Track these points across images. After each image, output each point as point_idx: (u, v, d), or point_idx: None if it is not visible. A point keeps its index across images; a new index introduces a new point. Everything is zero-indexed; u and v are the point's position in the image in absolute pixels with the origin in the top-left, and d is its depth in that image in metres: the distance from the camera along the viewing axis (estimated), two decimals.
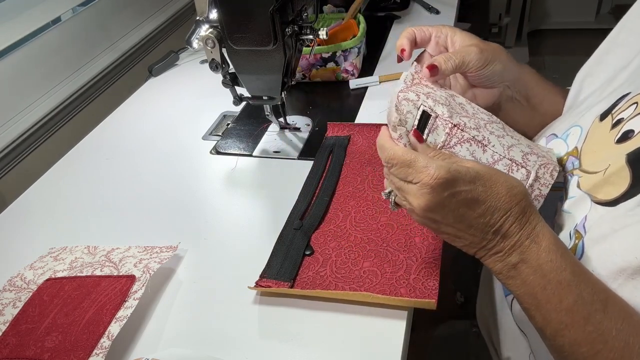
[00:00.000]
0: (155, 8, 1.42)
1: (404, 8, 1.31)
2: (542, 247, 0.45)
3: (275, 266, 0.62)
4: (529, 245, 0.45)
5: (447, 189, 0.44)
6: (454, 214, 0.46)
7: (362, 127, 0.83)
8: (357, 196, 0.71)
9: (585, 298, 0.43)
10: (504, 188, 0.46)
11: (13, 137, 0.97)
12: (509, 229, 0.45)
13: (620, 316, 0.42)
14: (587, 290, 0.43)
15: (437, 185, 0.44)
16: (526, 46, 2.69)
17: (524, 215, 0.46)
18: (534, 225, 0.46)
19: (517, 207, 0.45)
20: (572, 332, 0.43)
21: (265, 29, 0.70)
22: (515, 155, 0.52)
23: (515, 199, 0.45)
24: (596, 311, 0.42)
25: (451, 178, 0.44)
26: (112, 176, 0.85)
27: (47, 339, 0.55)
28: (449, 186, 0.44)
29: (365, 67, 1.06)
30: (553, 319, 0.44)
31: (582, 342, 0.42)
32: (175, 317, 0.59)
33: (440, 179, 0.44)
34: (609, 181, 0.47)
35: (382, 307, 0.56)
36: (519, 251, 0.45)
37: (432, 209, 0.46)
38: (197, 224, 0.72)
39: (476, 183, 0.45)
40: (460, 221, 0.46)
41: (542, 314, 0.44)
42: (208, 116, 0.98)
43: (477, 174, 0.46)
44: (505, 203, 0.45)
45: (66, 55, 1.12)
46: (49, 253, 0.70)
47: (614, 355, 0.41)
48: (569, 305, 0.43)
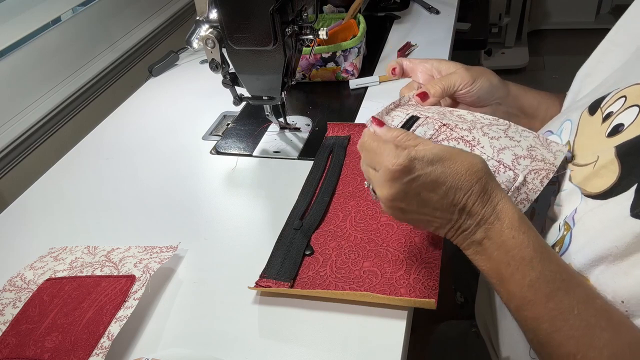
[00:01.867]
0: (155, 8, 1.42)
1: (404, 8, 1.31)
2: (504, 224, 0.45)
3: (275, 266, 0.62)
4: (493, 222, 0.46)
5: (406, 174, 0.46)
6: (417, 199, 0.47)
7: (362, 127, 0.83)
8: (357, 196, 0.71)
9: (547, 275, 0.44)
10: (463, 166, 0.46)
11: (13, 137, 0.97)
12: (472, 206, 0.46)
13: (583, 298, 0.43)
14: (549, 268, 0.44)
15: (396, 172, 0.46)
16: (526, 46, 2.69)
17: (485, 192, 0.46)
18: (496, 202, 0.46)
19: (478, 184, 0.46)
20: (534, 307, 0.44)
21: (265, 29, 0.70)
22: (504, 157, 0.52)
23: (475, 177, 0.46)
24: (558, 289, 0.43)
25: (409, 164, 0.46)
26: (112, 176, 0.86)
27: (47, 339, 0.55)
28: (408, 172, 0.46)
29: (365, 67, 1.06)
30: (516, 294, 0.45)
31: (543, 318, 0.43)
32: (175, 317, 0.59)
33: (399, 166, 0.45)
34: (599, 174, 0.47)
35: (382, 307, 0.56)
36: (484, 228, 0.46)
37: (395, 198, 0.47)
38: (197, 224, 0.72)
39: (435, 164, 0.46)
40: (425, 205, 0.47)
41: (506, 289, 0.46)
42: (208, 116, 0.98)
43: (435, 155, 0.46)
44: (466, 181, 0.46)
45: (66, 55, 1.12)
46: (49, 253, 0.70)
47: (575, 333, 0.42)
48: (531, 281, 0.44)
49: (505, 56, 2.63)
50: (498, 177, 0.51)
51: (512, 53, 2.65)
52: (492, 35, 2.60)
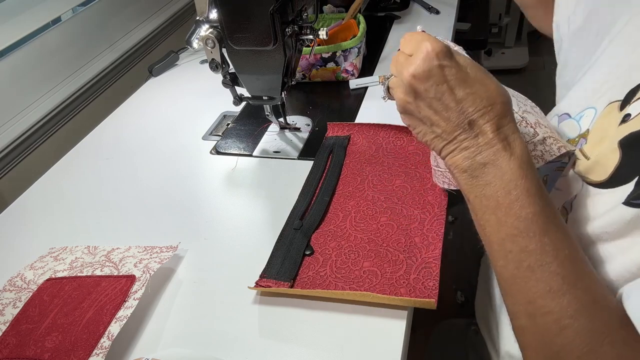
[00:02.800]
0: (155, 8, 1.42)
1: (404, 8, 1.31)
2: (515, 154, 0.44)
3: (275, 266, 0.62)
4: (501, 149, 0.45)
5: (439, 58, 0.45)
6: (437, 89, 0.46)
7: (362, 127, 0.83)
8: (357, 196, 0.71)
9: (547, 212, 0.43)
10: (494, 83, 0.46)
11: (13, 137, 0.97)
12: (484, 125, 0.45)
13: (574, 243, 0.43)
14: (549, 206, 0.44)
15: (431, 51, 0.45)
16: (526, 46, 2.69)
17: (504, 117, 0.45)
18: (511, 131, 0.45)
19: (500, 105, 0.45)
20: (525, 239, 0.43)
21: (265, 29, 0.70)
22: (528, 117, 0.53)
23: (500, 97, 0.45)
24: (555, 228, 0.43)
25: (447, 50, 0.45)
26: (112, 176, 0.86)
27: (47, 339, 0.55)
28: (442, 56, 0.45)
29: (365, 67, 1.06)
30: (509, 223, 0.44)
31: (532, 251, 0.42)
32: (175, 317, 0.59)
33: (436, 48, 0.45)
34: (600, 162, 0.47)
35: (382, 307, 0.56)
36: (491, 152, 0.45)
37: (418, 76, 0.46)
38: (197, 224, 0.72)
39: (469, 67, 0.46)
40: (440, 99, 0.46)
41: (499, 217, 0.44)
42: (208, 116, 0.98)
43: (474, 63, 0.46)
44: (491, 97, 0.45)
45: (66, 55, 1.12)
46: (49, 253, 0.70)
47: (562, 271, 0.41)
48: (530, 213, 0.43)
49: (505, 56, 2.63)
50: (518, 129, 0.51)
51: (512, 53, 2.65)
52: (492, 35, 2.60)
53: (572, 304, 0.41)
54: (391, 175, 0.73)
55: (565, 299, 0.41)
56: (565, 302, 0.41)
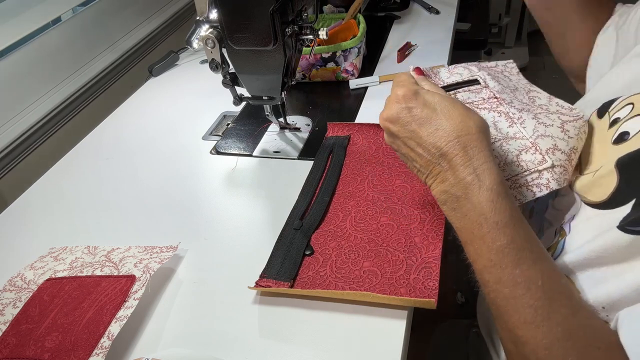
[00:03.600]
0: (155, 8, 1.42)
1: (404, 8, 1.31)
2: (484, 186, 0.46)
3: (275, 266, 0.62)
4: (471, 182, 0.46)
5: (405, 102, 0.50)
6: (407, 128, 0.50)
7: (362, 127, 0.83)
8: (357, 196, 0.71)
9: (517, 243, 0.44)
10: (460, 115, 0.48)
11: (13, 137, 0.97)
12: (454, 158, 0.47)
13: (549, 273, 0.44)
14: (521, 236, 0.45)
15: (399, 97, 0.50)
16: (526, 46, 2.69)
17: (472, 147, 0.47)
18: (481, 162, 0.46)
19: (467, 137, 0.47)
20: (498, 271, 0.44)
21: (265, 29, 0.70)
22: (541, 143, 0.52)
23: (466, 129, 0.47)
24: (526, 258, 0.44)
25: (412, 93, 0.50)
26: (112, 176, 0.86)
27: (47, 339, 0.55)
28: (407, 100, 0.50)
29: (365, 67, 1.06)
30: (484, 255, 0.45)
31: (506, 283, 0.44)
32: (175, 317, 0.59)
33: (402, 93, 0.50)
34: (597, 183, 0.48)
35: (382, 306, 0.56)
36: (462, 184, 0.47)
37: (390, 119, 0.51)
38: (197, 224, 0.72)
39: (435, 105, 0.49)
40: (411, 137, 0.50)
41: (475, 249, 0.46)
42: (208, 116, 0.98)
43: (440, 99, 0.49)
44: (456, 129, 0.47)
45: (66, 55, 1.12)
46: (49, 253, 0.70)
47: (535, 303, 0.42)
48: (501, 246, 0.44)
49: (505, 56, 2.63)
50: (523, 156, 0.51)
51: (512, 53, 2.65)
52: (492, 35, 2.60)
53: (546, 336, 0.41)
54: (391, 175, 0.73)
55: (539, 331, 0.41)
56: (539, 334, 0.41)
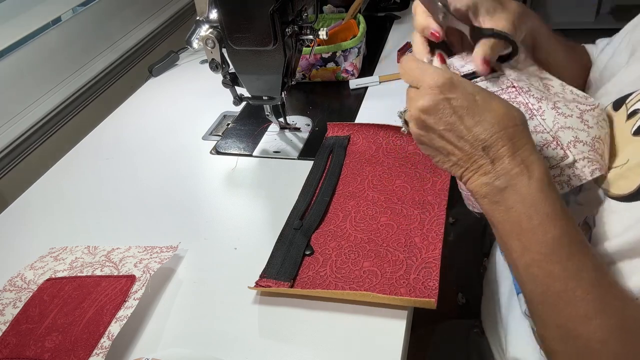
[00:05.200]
0: (155, 8, 1.42)
1: (404, 8, 1.31)
2: (534, 177, 0.44)
3: (275, 266, 0.62)
4: (520, 173, 0.44)
5: (444, 91, 0.46)
6: (446, 120, 0.46)
7: (362, 127, 0.83)
8: (357, 196, 0.71)
9: (570, 235, 0.43)
10: (502, 106, 0.45)
11: (13, 137, 0.97)
12: (500, 149, 0.45)
13: (599, 265, 0.42)
14: (571, 228, 0.43)
15: (435, 86, 0.46)
16: None
17: (519, 139, 0.45)
18: (528, 153, 0.44)
19: (513, 128, 0.45)
20: (550, 264, 0.42)
21: (265, 29, 0.70)
22: (563, 136, 0.50)
23: (512, 121, 0.45)
24: (578, 251, 0.42)
25: (449, 82, 0.46)
26: (112, 176, 0.85)
27: (47, 339, 0.55)
28: (446, 89, 0.46)
29: (365, 67, 1.06)
30: (533, 249, 0.43)
31: (558, 276, 0.42)
32: (175, 317, 0.59)
33: (439, 80, 0.46)
34: (624, 175, 0.46)
35: (382, 306, 0.56)
36: (509, 176, 0.44)
37: (426, 110, 0.47)
38: (197, 224, 0.72)
39: (475, 95, 0.46)
40: (451, 129, 0.46)
41: (523, 242, 0.44)
42: (208, 116, 0.98)
43: (480, 88, 0.46)
44: (501, 120, 0.45)
45: (66, 55, 1.12)
46: (49, 253, 0.70)
47: (588, 296, 0.41)
48: (554, 237, 0.42)
49: None
50: (545, 151, 0.50)
51: None
52: None
53: (601, 328, 0.40)
54: (391, 176, 0.73)
55: (592, 324, 0.40)
56: (592, 326, 0.40)
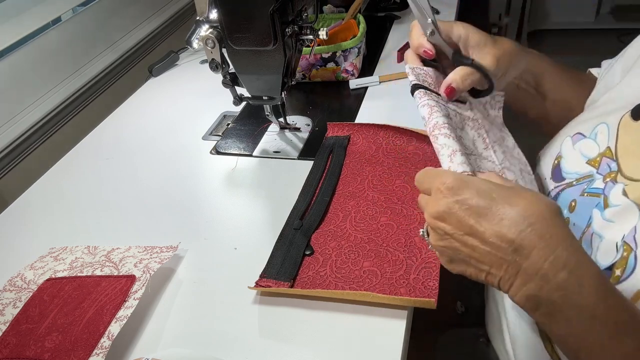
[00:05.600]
0: (155, 8, 1.42)
1: (404, 8, 1.31)
2: (586, 282, 0.37)
3: (275, 266, 0.62)
4: (566, 280, 0.38)
5: (455, 193, 0.42)
6: (464, 223, 0.42)
7: (362, 127, 0.83)
8: (357, 196, 0.71)
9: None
10: (525, 199, 0.40)
11: (13, 137, 0.97)
12: (533, 252, 0.38)
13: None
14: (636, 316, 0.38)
15: (445, 189, 0.42)
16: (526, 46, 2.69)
17: (552, 236, 0.38)
18: (568, 252, 0.38)
19: (541, 223, 0.38)
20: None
21: (265, 29, 0.70)
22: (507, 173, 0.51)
23: (538, 214, 0.39)
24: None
25: (459, 182, 0.42)
26: (112, 176, 0.85)
27: (47, 339, 0.55)
28: (456, 191, 0.42)
29: (365, 67, 1.06)
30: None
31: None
32: (175, 317, 0.59)
33: (448, 181, 0.43)
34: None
35: (382, 306, 0.56)
36: (555, 285, 0.38)
37: (440, 216, 0.43)
38: (197, 224, 0.72)
39: (491, 193, 0.41)
40: (471, 233, 0.41)
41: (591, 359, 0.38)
42: (208, 116, 0.98)
43: (494, 185, 0.42)
44: (524, 215, 0.39)
45: (66, 55, 1.12)
46: (49, 253, 0.70)
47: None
48: (632, 349, 0.36)
49: None
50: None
51: None
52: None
53: None
54: (391, 175, 0.73)
55: None
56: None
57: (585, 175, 0.53)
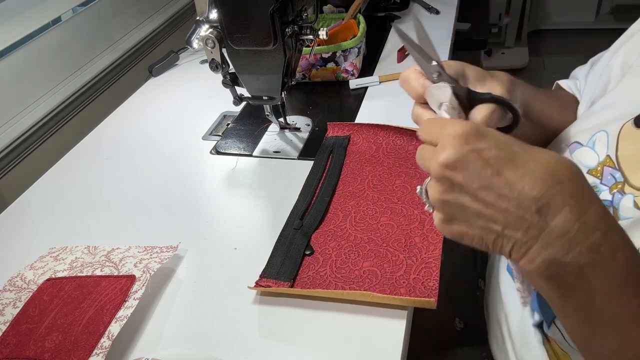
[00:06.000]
0: (155, 8, 1.42)
1: (404, 8, 1.31)
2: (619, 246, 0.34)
3: (275, 266, 0.62)
4: (598, 243, 0.33)
5: (470, 142, 0.36)
6: (480, 175, 0.36)
7: (362, 127, 0.83)
8: (357, 196, 0.71)
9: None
10: (550, 156, 0.35)
11: (13, 137, 0.97)
12: (562, 210, 0.34)
13: None
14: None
15: (459, 135, 0.36)
16: (526, 46, 2.69)
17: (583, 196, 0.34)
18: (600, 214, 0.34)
19: (572, 182, 0.34)
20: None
21: (265, 29, 0.70)
22: None
23: (568, 172, 0.34)
24: None
25: (475, 131, 0.36)
26: (112, 176, 0.85)
27: (47, 339, 0.55)
28: (473, 139, 0.36)
29: (365, 67, 1.06)
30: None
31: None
32: (175, 317, 0.59)
33: (464, 129, 0.36)
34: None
35: (382, 306, 0.56)
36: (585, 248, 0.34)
37: (452, 165, 0.36)
38: (197, 224, 0.72)
39: (512, 145, 0.36)
40: (488, 186, 0.36)
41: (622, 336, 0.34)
42: (208, 116, 0.98)
43: (514, 139, 0.37)
44: (553, 172, 0.34)
45: (66, 55, 1.12)
46: (49, 253, 0.70)
47: None
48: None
49: (505, 56, 2.63)
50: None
51: (512, 53, 2.65)
52: (492, 35, 2.61)
53: None
54: (391, 175, 0.73)
55: None
56: None
57: None
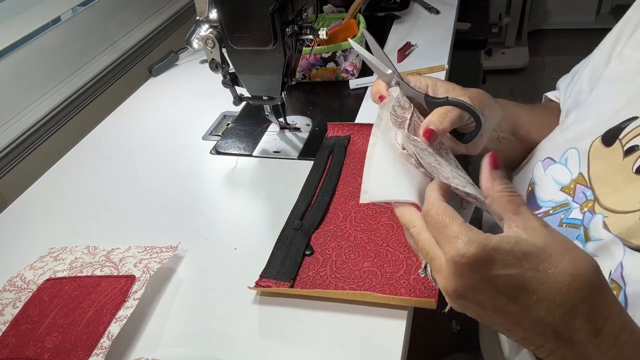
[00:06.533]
0: (155, 8, 1.42)
1: (404, 8, 1.31)
2: (634, 350, 0.34)
3: (275, 266, 0.62)
4: (616, 355, 0.34)
5: (478, 271, 0.34)
6: (493, 303, 0.35)
7: (362, 127, 0.83)
8: (357, 196, 0.71)
9: None
10: (567, 275, 0.33)
11: (13, 137, 0.97)
12: (577, 333, 0.34)
13: None
14: None
15: (465, 265, 0.34)
16: (526, 46, 2.69)
17: (597, 313, 0.34)
18: (617, 329, 0.34)
19: (587, 304, 0.33)
20: None
21: (265, 29, 0.70)
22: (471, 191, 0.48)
23: (583, 292, 0.33)
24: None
25: (485, 258, 0.34)
26: (112, 176, 0.85)
27: (47, 339, 0.55)
28: (481, 269, 0.34)
29: (365, 67, 1.06)
30: None
31: None
32: (175, 317, 0.59)
33: (469, 259, 0.34)
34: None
35: (382, 306, 0.56)
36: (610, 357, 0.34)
37: (462, 295, 0.36)
38: (197, 224, 0.72)
39: (523, 266, 0.34)
40: (501, 312, 0.35)
41: None
42: (208, 116, 0.98)
43: (526, 253, 0.34)
44: (569, 297, 0.33)
45: (66, 55, 1.12)
46: (49, 253, 0.70)
47: None
48: None
49: (505, 56, 2.63)
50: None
51: (512, 53, 2.66)
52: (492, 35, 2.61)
53: None
54: None
55: None
56: None
57: (561, 203, 0.50)
